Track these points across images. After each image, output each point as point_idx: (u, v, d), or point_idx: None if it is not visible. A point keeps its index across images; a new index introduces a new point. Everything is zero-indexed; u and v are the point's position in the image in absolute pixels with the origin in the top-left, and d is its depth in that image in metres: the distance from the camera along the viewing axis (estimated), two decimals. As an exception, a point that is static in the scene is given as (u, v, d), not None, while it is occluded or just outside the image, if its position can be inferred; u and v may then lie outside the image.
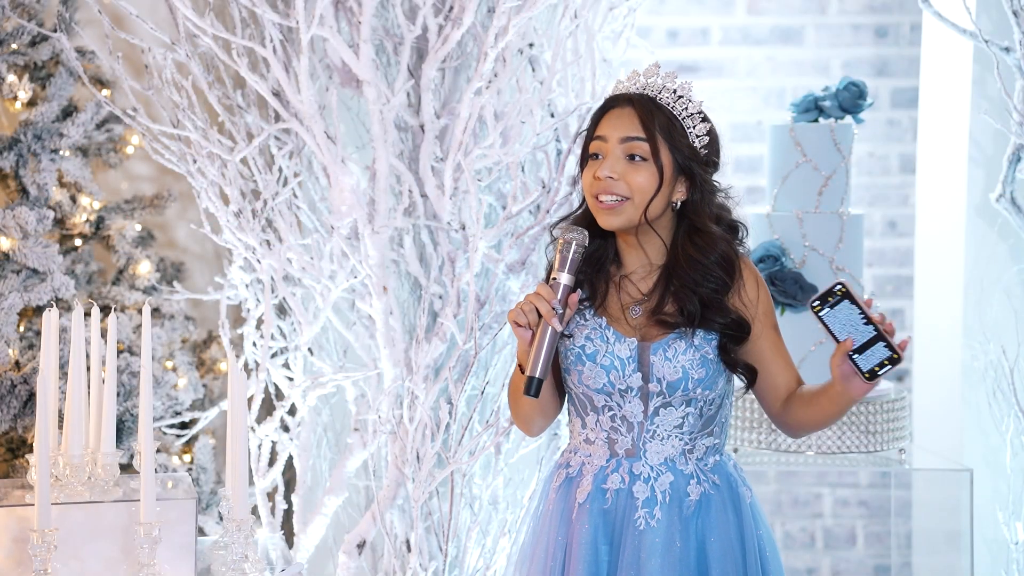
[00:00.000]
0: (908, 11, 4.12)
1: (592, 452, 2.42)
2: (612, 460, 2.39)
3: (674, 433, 2.37)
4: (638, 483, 2.36)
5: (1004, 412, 3.45)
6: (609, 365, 2.36)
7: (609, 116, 2.36)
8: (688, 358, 2.34)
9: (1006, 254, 3.54)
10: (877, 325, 2.22)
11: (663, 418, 2.36)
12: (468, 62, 3.33)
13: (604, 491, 2.39)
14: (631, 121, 2.33)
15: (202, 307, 3.79)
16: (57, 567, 2.48)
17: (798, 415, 2.39)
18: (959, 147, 3.68)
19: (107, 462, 2.65)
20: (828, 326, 2.24)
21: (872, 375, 2.24)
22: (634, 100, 2.34)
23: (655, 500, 2.35)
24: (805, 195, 3.42)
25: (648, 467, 2.37)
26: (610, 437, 2.40)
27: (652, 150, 2.31)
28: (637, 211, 2.33)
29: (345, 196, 3.19)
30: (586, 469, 2.42)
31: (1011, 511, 3.44)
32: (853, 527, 4.20)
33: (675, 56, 4.14)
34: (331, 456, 3.57)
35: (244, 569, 2.52)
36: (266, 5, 3.12)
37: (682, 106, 2.35)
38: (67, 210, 3.43)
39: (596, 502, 2.38)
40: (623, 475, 2.38)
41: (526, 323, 2.27)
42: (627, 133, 2.32)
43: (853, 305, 2.23)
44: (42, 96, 3.40)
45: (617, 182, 2.32)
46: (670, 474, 2.37)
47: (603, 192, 2.32)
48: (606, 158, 2.33)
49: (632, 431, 2.38)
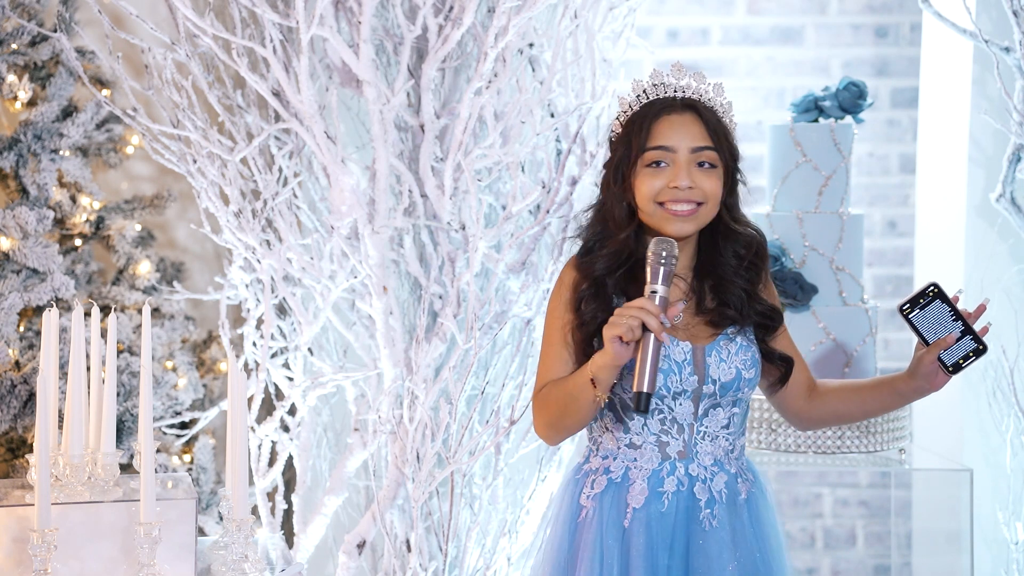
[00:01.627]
0: (908, 11, 4.12)
1: (639, 456, 2.38)
2: (665, 463, 2.37)
3: (722, 433, 2.39)
4: (697, 484, 2.37)
5: (1004, 412, 3.45)
6: (667, 369, 2.34)
7: (669, 123, 2.35)
8: (741, 359, 2.37)
9: (1006, 254, 3.54)
10: (965, 319, 2.32)
11: (711, 419, 2.38)
12: (468, 62, 3.33)
13: (661, 494, 2.37)
14: (699, 130, 2.34)
15: (202, 307, 3.79)
16: (57, 567, 2.48)
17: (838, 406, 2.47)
18: (959, 147, 3.68)
19: (107, 462, 2.65)
20: (917, 327, 2.33)
21: (956, 368, 2.34)
22: (695, 107, 2.36)
23: (715, 500, 2.37)
24: (805, 195, 3.42)
25: (703, 468, 2.38)
26: (660, 440, 2.38)
27: (721, 158, 2.35)
28: (709, 216, 2.36)
29: (345, 196, 3.19)
30: (634, 474, 2.38)
31: (1011, 511, 3.44)
32: (853, 527, 4.20)
33: (675, 56, 4.14)
34: (331, 456, 3.57)
35: (244, 569, 2.52)
36: (266, 5, 3.12)
37: (723, 102, 2.39)
38: (67, 210, 3.43)
39: (653, 506, 2.36)
40: (680, 477, 2.37)
41: (631, 337, 2.21)
42: (697, 143, 2.33)
43: (944, 304, 2.32)
44: (42, 96, 3.40)
45: (694, 190, 2.32)
46: (723, 474, 2.39)
47: (680, 201, 2.32)
48: (677, 167, 2.33)
49: (683, 433, 2.37)
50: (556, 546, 2.42)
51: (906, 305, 2.33)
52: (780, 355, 2.43)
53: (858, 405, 2.46)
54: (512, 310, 3.26)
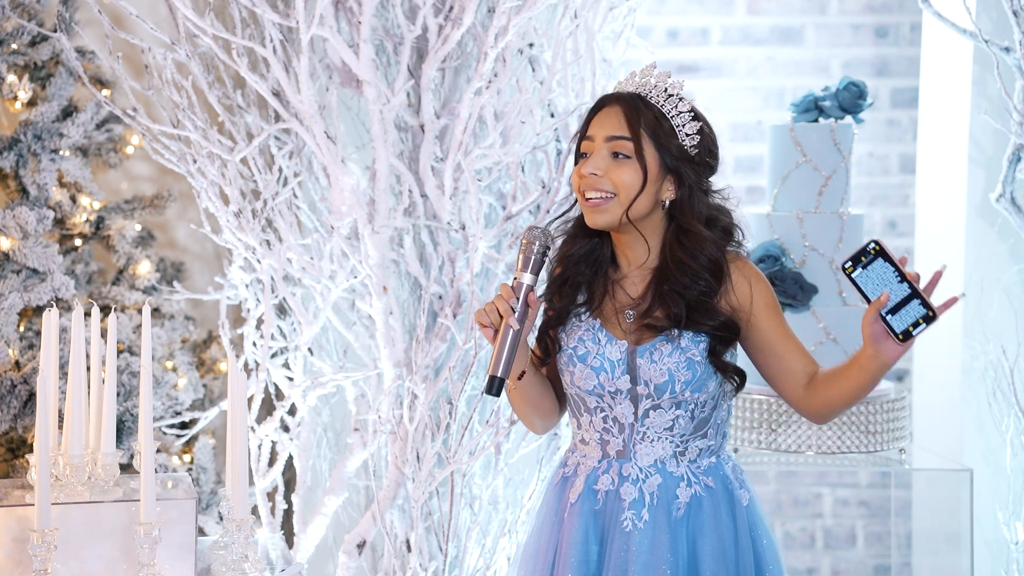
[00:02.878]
0: (908, 11, 4.12)
1: (587, 453, 2.43)
2: (604, 461, 2.40)
3: (664, 435, 2.37)
4: (626, 484, 2.37)
5: (1004, 412, 3.45)
6: (599, 367, 2.36)
7: (599, 115, 2.36)
8: (674, 360, 2.33)
9: (1006, 254, 3.54)
10: (912, 282, 2.16)
11: (653, 420, 2.36)
12: (468, 62, 3.33)
13: (595, 492, 2.39)
14: (617, 120, 2.33)
15: (202, 307, 3.79)
16: (57, 567, 2.48)
17: (825, 393, 2.35)
18: (959, 147, 3.68)
19: (107, 462, 2.65)
20: (860, 287, 2.18)
21: (906, 335, 2.17)
22: (622, 99, 2.34)
23: (643, 502, 2.35)
24: (805, 195, 3.42)
25: (637, 468, 2.37)
26: (603, 438, 2.40)
27: (636, 149, 2.31)
28: (621, 208, 2.32)
29: (345, 196, 3.19)
30: (580, 469, 2.43)
31: (1011, 511, 3.44)
32: (853, 527, 4.20)
33: (675, 56, 4.14)
34: (331, 456, 3.58)
35: (244, 569, 2.52)
36: (266, 5, 3.12)
37: (672, 104, 2.35)
38: (67, 210, 3.43)
39: (587, 503, 2.39)
40: (613, 476, 2.38)
41: (489, 323, 2.29)
42: (612, 132, 2.32)
43: (887, 263, 2.17)
44: (42, 96, 3.40)
45: (601, 179, 2.31)
46: (659, 476, 2.36)
47: (589, 189, 2.33)
48: (592, 156, 2.34)
49: (623, 432, 2.38)
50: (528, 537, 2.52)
51: (847, 263, 2.18)
52: (734, 367, 2.37)
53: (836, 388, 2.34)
54: (512, 310, 3.26)
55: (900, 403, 3.40)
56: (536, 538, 2.48)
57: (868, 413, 3.33)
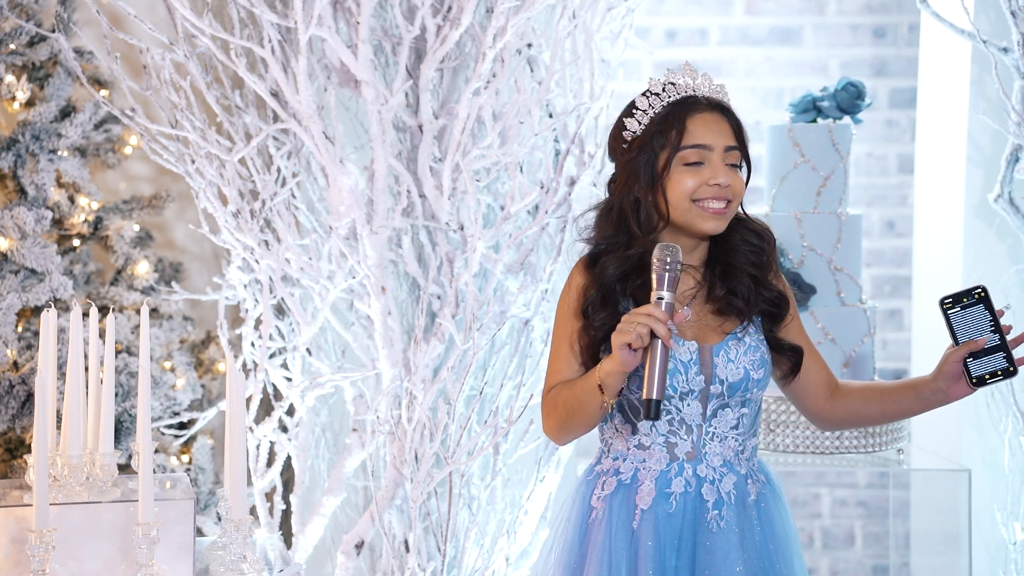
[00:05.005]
0: (906, 11, 4.13)
1: (647, 457, 2.38)
2: (673, 464, 2.37)
3: (731, 434, 2.37)
4: (705, 485, 2.36)
5: (1002, 412, 3.45)
6: (673, 369, 2.33)
7: (703, 122, 2.36)
8: (749, 359, 2.35)
9: (1004, 254, 3.54)
10: (1003, 334, 2.25)
11: (720, 419, 2.36)
12: (466, 62, 3.33)
13: (668, 495, 2.36)
14: (728, 129, 2.37)
15: (200, 307, 3.79)
16: (55, 567, 2.48)
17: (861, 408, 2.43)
18: (957, 147, 3.69)
19: (105, 462, 2.65)
20: (953, 326, 2.26)
21: (980, 382, 2.26)
22: (719, 107, 2.38)
23: (723, 501, 2.35)
24: (803, 195, 3.43)
25: (711, 469, 2.37)
26: (668, 440, 2.37)
27: (744, 157, 2.40)
28: (733, 213, 2.39)
29: (343, 196, 3.19)
30: (643, 475, 2.38)
31: (1009, 511, 3.44)
32: (851, 527, 4.20)
33: (674, 56, 4.15)
34: (329, 456, 3.57)
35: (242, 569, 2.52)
36: (264, 5, 3.12)
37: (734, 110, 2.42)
38: (65, 210, 3.42)
39: (661, 507, 2.35)
40: (687, 478, 2.36)
41: (640, 344, 2.20)
42: (729, 143, 2.37)
43: (987, 311, 2.25)
44: (40, 96, 3.40)
45: (728, 188, 2.35)
46: (732, 475, 2.37)
47: (719, 198, 2.34)
48: (713, 165, 2.35)
49: (692, 434, 2.36)
50: (567, 547, 2.42)
51: (948, 300, 2.26)
52: (789, 345, 2.42)
53: (879, 407, 2.43)
54: (510, 310, 3.26)
55: (898, 403, 3.40)
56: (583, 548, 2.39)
57: (866, 413, 3.33)
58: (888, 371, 4.16)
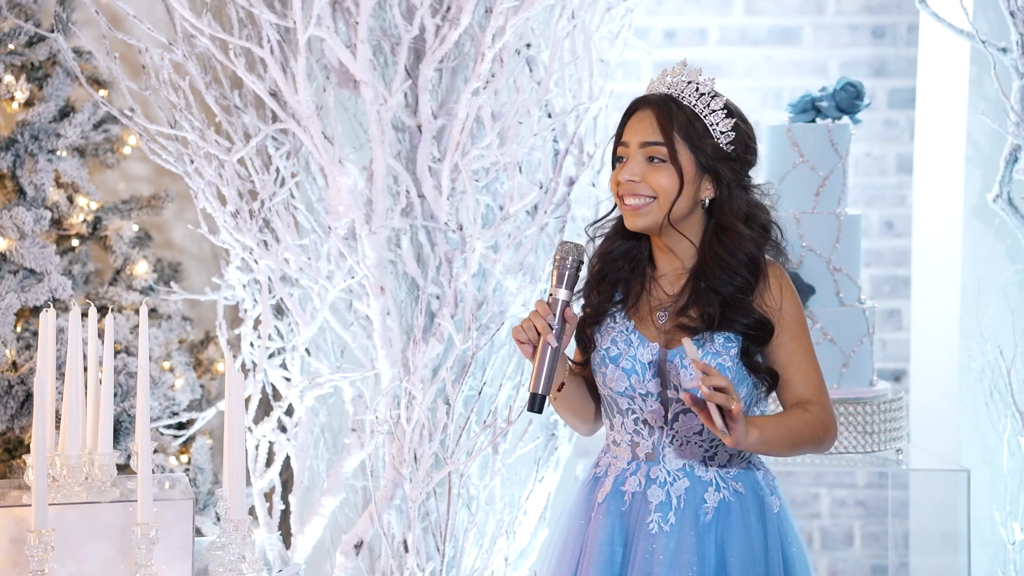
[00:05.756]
0: (905, 11, 4.13)
1: (618, 454, 2.41)
2: (633, 463, 2.39)
3: (694, 439, 2.35)
4: (653, 487, 2.35)
5: (1001, 412, 3.45)
6: (630, 369, 2.34)
7: (632, 119, 2.36)
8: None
9: (1003, 254, 3.54)
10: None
11: (683, 423, 2.34)
12: (465, 62, 3.33)
13: (622, 493, 2.38)
14: (650, 124, 2.32)
15: (199, 307, 3.79)
16: (54, 567, 2.48)
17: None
18: (956, 147, 3.69)
19: (104, 463, 2.65)
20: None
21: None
22: (654, 102, 2.34)
23: (669, 505, 2.34)
24: (802, 195, 3.43)
25: (665, 472, 2.36)
26: (633, 440, 2.39)
27: (670, 153, 2.30)
28: (662, 211, 2.31)
29: (342, 196, 3.19)
30: (610, 470, 2.41)
31: (1008, 511, 3.44)
32: (850, 527, 4.20)
33: (672, 56, 4.14)
34: (328, 456, 3.57)
35: (241, 570, 2.52)
36: (263, 5, 3.12)
37: (704, 103, 2.34)
38: (64, 210, 3.42)
39: (614, 503, 2.38)
40: (640, 478, 2.37)
41: (527, 340, 2.27)
42: (646, 138, 2.32)
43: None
44: (39, 96, 3.40)
45: (639, 184, 2.31)
46: (687, 480, 2.35)
47: (627, 194, 2.33)
48: (629, 161, 2.33)
49: (653, 435, 2.37)
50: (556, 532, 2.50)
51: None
52: (766, 368, 2.34)
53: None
54: (509, 310, 3.26)
55: (897, 404, 3.40)
56: (564, 536, 2.46)
57: (865, 414, 3.33)
58: (887, 371, 4.17)
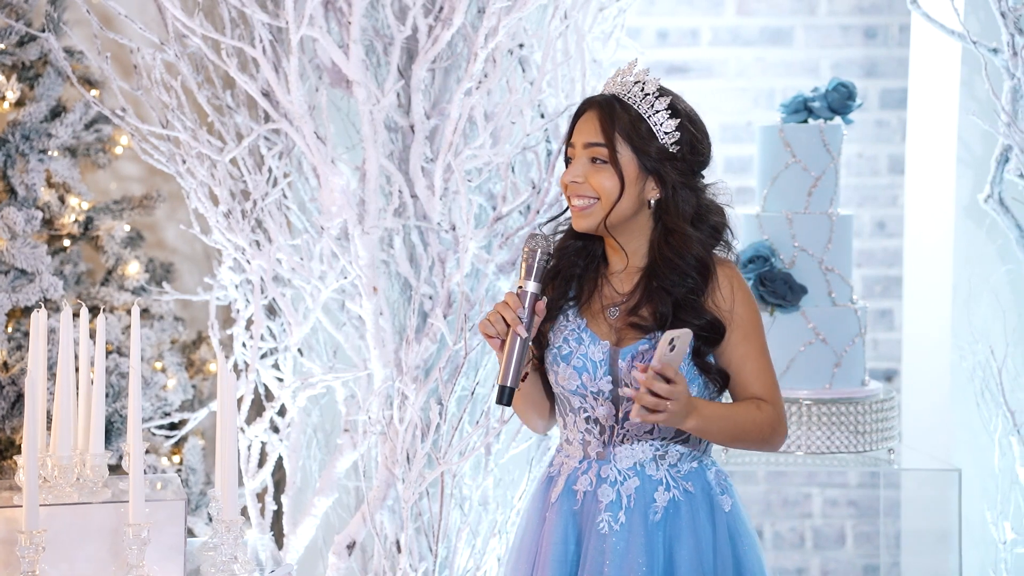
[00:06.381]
0: (897, 12, 4.14)
1: (570, 453, 2.42)
2: (584, 462, 2.40)
3: (645, 438, 2.36)
4: (604, 486, 2.36)
5: (992, 412, 3.46)
6: (581, 367, 2.35)
7: (580, 120, 2.37)
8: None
9: (994, 255, 3.55)
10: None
11: (634, 422, 2.34)
12: (458, 62, 3.33)
13: (574, 492, 2.39)
14: (594, 126, 2.33)
15: (191, 308, 3.79)
16: (45, 568, 2.47)
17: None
18: (947, 148, 3.69)
19: (96, 463, 2.64)
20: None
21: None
22: (599, 104, 2.35)
23: (619, 504, 2.34)
24: (794, 196, 3.43)
25: (616, 471, 2.36)
26: (584, 439, 2.39)
27: (611, 155, 2.31)
28: (604, 212, 2.32)
29: (335, 196, 3.19)
30: (563, 469, 2.42)
31: (999, 511, 3.45)
32: (842, 527, 4.21)
33: (665, 57, 4.15)
34: (321, 457, 3.57)
35: (233, 570, 2.52)
36: (255, 5, 3.12)
37: (648, 104, 2.33)
38: (55, 210, 3.42)
39: (567, 503, 2.39)
40: (591, 477, 2.38)
41: (495, 333, 2.27)
42: (589, 139, 2.33)
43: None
44: (30, 96, 3.39)
45: (582, 184, 2.33)
46: (637, 479, 2.35)
47: (573, 195, 2.34)
48: (574, 162, 2.35)
49: (604, 434, 2.37)
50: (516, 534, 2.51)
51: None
52: (717, 368, 2.35)
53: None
54: (502, 311, 3.26)
55: (889, 403, 3.41)
56: (522, 535, 2.48)
57: (857, 413, 3.34)
58: (879, 371, 4.17)
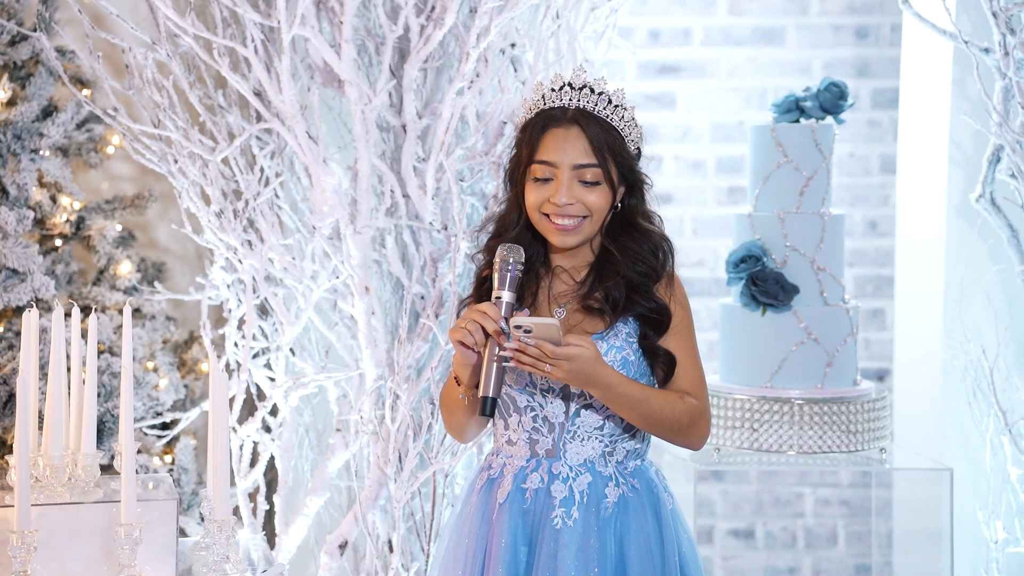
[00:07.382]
0: (889, 12, 4.14)
1: (513, 453, 2.42)
2: (532, 460, 2.40)
3: (594, 435, 2.37)
4: (556, 482, 2.36)
5: (984, 412, 3.47)
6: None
7: (555, 137, 2.32)
8: (609, 359, 2.32)
9: (986, 254, 3.56)
10: None
11: (584, 419, 2.36)
12: (450, 62, 3.33)
13: (524, 491, 2.39)
14: (582, 146, 2.31)
15: (183, 307, 3.78)
16: (37, 568, 2.47)
17: None
18: (939, 148, 3.70)
19: (87, 463, 2.64)
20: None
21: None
22: (578, 120, 2.32)
23: (572, 500, 2.35)
24: (786, 195, 3.43)
25: (567, 467, 2.37)
26: (532, 438, 2.39)
27: (604, 173, 2.31)
28: (595, 227, 2.34)
29: (327, 196, 3.19)
30: (507, 470, 2.41)
31: (990, 510, 3.46)
32: (834, 526, 4.22)
33: (657, 56, 4.15)
34: (313, 456, 3.57)
35: (225, 570, 2.52)
36: (247, 5, 3.12)
37: (618, 115, 2.34)
38: (47, 210, 3.41)
39: (516, 502, 2.38)
40: (542, 475, 2.38)
41: (472, 343, 2.25)
42: (579, 160, 2.31)
43: None
44: (22, 96, 3.38)
45: (575, 205, 2.32)
46: (589, 475, 2.36)
47: (560, 216, 2.32)
48: (558, 183, 2.32)
49: (553, 431, 2.38)
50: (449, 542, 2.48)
51: None
52: (664, 351, 2.37)
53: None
54: (494, 310, 3.26)
55: (881, 403, 3.41)
56: (457, 544, 2.44)
57: (849, 413, 3.34)
58: (871, 371, 4.18)
